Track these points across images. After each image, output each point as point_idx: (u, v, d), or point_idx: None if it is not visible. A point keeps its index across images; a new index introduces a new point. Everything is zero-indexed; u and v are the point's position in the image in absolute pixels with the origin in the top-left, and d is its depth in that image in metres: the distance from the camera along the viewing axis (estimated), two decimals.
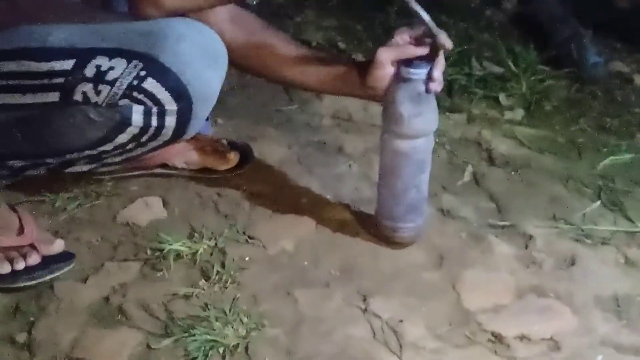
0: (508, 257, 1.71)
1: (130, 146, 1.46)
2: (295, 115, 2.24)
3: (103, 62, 1.36)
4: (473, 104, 2.34)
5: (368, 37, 2.69)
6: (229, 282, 1.60)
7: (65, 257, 1.61)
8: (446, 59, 1.63)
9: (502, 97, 2.38)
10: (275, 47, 1.66)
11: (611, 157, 2.07)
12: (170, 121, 1.42)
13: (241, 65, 1.68)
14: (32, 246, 1.58)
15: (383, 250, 1.71)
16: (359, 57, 2.55)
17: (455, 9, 2.86)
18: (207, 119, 1.81)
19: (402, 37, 1.59)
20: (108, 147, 1.45)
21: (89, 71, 1.36)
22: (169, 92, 1.38)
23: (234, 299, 1.56)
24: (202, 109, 1.43)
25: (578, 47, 2.54)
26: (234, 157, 1.92)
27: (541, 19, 2.77)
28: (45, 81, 1.37)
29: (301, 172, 1.97)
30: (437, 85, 1.57)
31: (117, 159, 1.55)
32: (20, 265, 1.55)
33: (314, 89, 1.85)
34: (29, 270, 1.55)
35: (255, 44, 1.66)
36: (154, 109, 1.39)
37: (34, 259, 1.56)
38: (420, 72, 1.55)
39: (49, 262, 1.58)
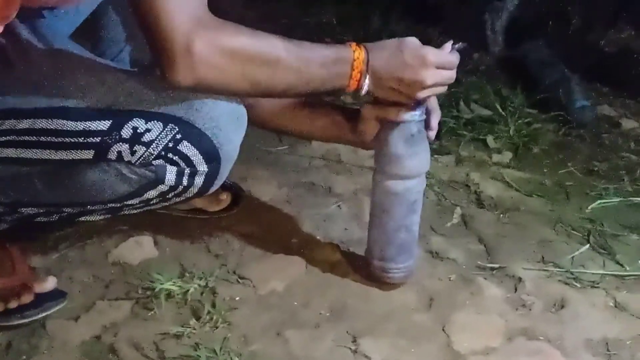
0: (498, 300, 1.72)
1: (154, 201, 1.47)
2: (285, 156, 2.26)
3: (139, 124, 1.37)
4: (461, 146, 2.36)
5: None
6: (219, 322, 1.59)
7: (57, 295, 1.61)
8: None
9: (489, 140, 2.40)
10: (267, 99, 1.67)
11: (599, 201, 2.09)
12: (199, 181, 1.45)
13: None
14: (25, 285, 1.58)
15: (373, 291, 1.71)
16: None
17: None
18: None
19: None
20: (134, 201, 1.46)
21: (126, 132, 1.37)
22: (202, 155, 1.40)
23: (224, 339, 1.56)
24: (227, 169, 1.47)
25: (566, 90, 2.57)
26: (226, 198, 1.93)
27: (529, 62, 2.81)
28: (81, 140, 1.38)
29: (291, 212, 1.98)
30: (433, 134, 1.61)
31: (135, 211, 1.56)
32: (13, 304, 1.55)
33: (306, 136, 1.88)
34: (21, 309, 1.55)
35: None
36: (187, 170, 1.42)
37: (27, 298, 1.56)
38: (414, 115, 1.57)
39: (42, 300, 1.58)
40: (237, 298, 1.67)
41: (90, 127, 1.37)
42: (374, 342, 1.58)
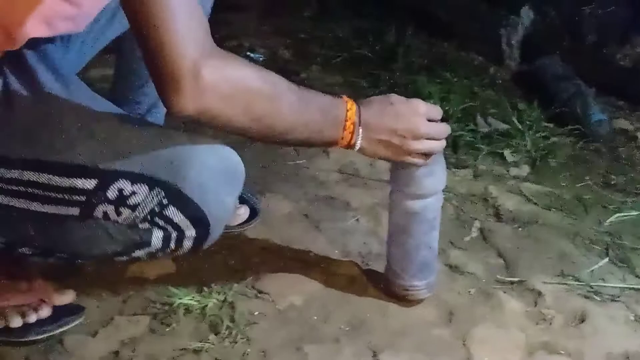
0: (517, 314, 1.71)
1: (144, 258, 1.45)
2: (303, 170, 2.26)
3: (125, 186, 1.34)
4: (479, 160, 2.36)
5: (373, 94, 2.71)
6: (238, 337, 1.59)
7: (75, 310, 1.61)
8: (451, 115, 1.65)
9: (507, 154, 2.40)
10: None
11: (617, 214, 2.08)
12: (188, 244, 1.41)
13: None
14: (43, 300, 1.58)
15: (392, 306, 1.71)
16: None
17: (459, 66, 2.90)
18: None
19: None
20: (123, 258, 1.44)
21: (111, 194, 1.34)
22: (188, 220, 1.37)
23: (243, 354, 1.56)
24: (218, 231, 1.42)
25: (582, 104, 2.57)
26: (243, 213, 1.93)
27: (545, 77, 2.81)
28: (66, 196, 1.35)
29: (309, 226, 1.98)
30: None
31: (127, 261, 1.54)
32: (32, 319, 1.55)
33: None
34: (39, 324, 1.56)
35: None
36: (174, 234, 1.39)
37: (44, 313, 1.57)
38: None
39: (60, 315, 1.58)
40: (256, 313, 1.67)
41: (76, 184, 1.34)
42: (393, 357, 1.57)
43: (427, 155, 1.54)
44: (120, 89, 1.79)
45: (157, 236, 1.38)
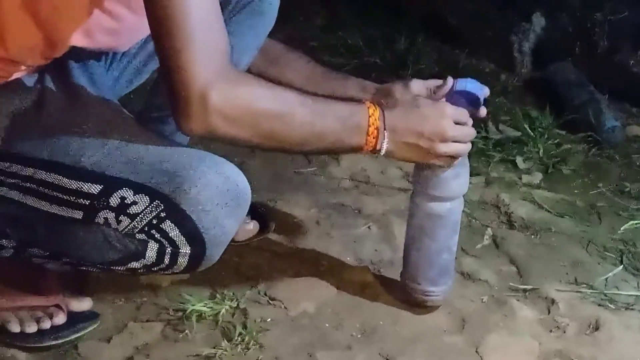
0: (531, 322, 1.71)
1: (141, 271, 1.45)
2: (314, 177, 2.26)
3: (128, 194, 1.36)
4: (490, 167, 2.35)
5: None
6: (251, 344, 1.59)
7: (89, 316, 1.62)
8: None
9: (519, 161, 2.39)
10: (294, 66, 1.76)
11: (632, 222, 2.07)
12: (183, 261, 1.41)
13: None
14: (58, 306, 1.59)
15: (405, 313, 1.71)
16: None
17: (470, 73, 2.89)
18: None
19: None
20: (120, 268, 1.44)
21: (113, 201, 1.36)
22: (184, 237, 1.37)
23: None
24: (215, 253, 1.42)
25: (595, 111, 2.56)
26: (252, 228, 1.92)
27: (557, 83, 2.79)
28: (72, 198, 1.38)
29: (321, 233, 1.98)
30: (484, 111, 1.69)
31: (127, 274, 1.54)
32: (46, 325, 1.56)
33: None
34: (55, 330, 1.56)
35: (277, 67, 1.76)
36: (169, 249, 1.39)
37: (60, 319, 1.57)
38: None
39: (75, 321, 1.59)
40: (269, 319, 1.67)
41: (82, 187, 1.37)
42: None
43: (453, 157, 1.55)
44: (149, 107, 1.80)
45: (152, 248, 1.39)
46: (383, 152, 1.50)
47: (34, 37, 1.39)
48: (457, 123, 1.53)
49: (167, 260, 1.40)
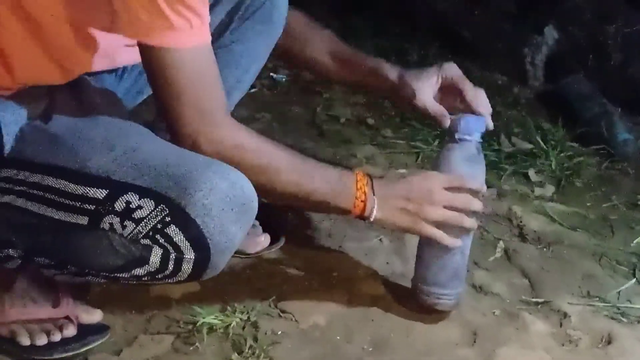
0: (543, 335, 1.70)
1: (145, 278, 1.44)
2: None
3: (133, 199, 1.36)
4: (503, 179, 2.35)
5: (396, 114, 2.72)
6: (261, 357, 1.58)
7: (100, 329, 1.61)
8: None
9: (531, 173, 2.38)
10: (317, 42, 1.85)
11: None
12: (187, 268, 1.40)
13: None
14: (68, 318, 1.58)
15: (416, 326, 1.70)
16: (388, 133, 2.59)
17: (482, 86, 2.88)
18: None
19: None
20: (124, 275, 1.44)
21: (119, 205, 1.36)
22: (189, 242, 1.36)
23: None
24: (220, 260, 1.42)
25: (608, 124, 2.56)
26: (264, 240, 1.92)
27: (570, 96, 2.79)
28: (78, 204, 1.38)
29: (332, 246, 1.98)
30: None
31: (133, 283, 1.54)
32: (56, 337, 1.55)
33: (348, 81, 1.95)
34: (64, 342, 1.56)
35: (301, 43, 1.83)
36: (173, 255, 1.38)
37: (70, 331, 1.56)
38: (476, 135, 1.59)
39: (85, 333, 1.58)
40: (279, 332, 1.66)
41: (88, 192, 1.37)
42: None
43: (451, 227, 1.58)
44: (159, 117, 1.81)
45: (156, 254, 1.38)
46: (372, 218, 1.55)
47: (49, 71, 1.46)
48: (452, 189, 1.57)
49: (171, 266, 1.39)
